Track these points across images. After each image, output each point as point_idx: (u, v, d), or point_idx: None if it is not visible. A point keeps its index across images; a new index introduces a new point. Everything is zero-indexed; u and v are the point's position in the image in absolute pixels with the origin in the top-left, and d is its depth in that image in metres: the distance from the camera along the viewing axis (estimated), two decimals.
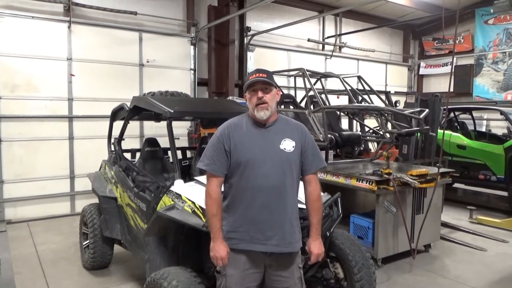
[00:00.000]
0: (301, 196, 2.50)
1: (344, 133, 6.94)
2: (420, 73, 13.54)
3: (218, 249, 2.27)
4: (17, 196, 6.72)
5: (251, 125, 2.37)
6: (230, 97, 8.11)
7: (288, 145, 2.34)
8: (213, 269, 2.39)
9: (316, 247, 2.42)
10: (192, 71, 8.68)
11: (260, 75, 2.31)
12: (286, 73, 8.66)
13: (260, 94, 2.30)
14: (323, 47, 11.22)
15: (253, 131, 2.35)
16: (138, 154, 4.85)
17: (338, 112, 7.42)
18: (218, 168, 2.32)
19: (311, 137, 2.48)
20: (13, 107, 6.67)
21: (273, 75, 2.40)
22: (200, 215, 2.71)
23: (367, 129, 7.62)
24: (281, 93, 2.57)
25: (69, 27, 7.09)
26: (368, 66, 12.09)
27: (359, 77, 7.17)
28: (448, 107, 6.25)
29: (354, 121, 8.04)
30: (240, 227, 2.30)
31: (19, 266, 4.71)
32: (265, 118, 2.32)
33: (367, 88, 6.94)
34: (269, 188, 2.27)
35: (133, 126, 7.35)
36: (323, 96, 6.63)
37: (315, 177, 2.46)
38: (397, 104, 7.95)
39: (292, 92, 8.19)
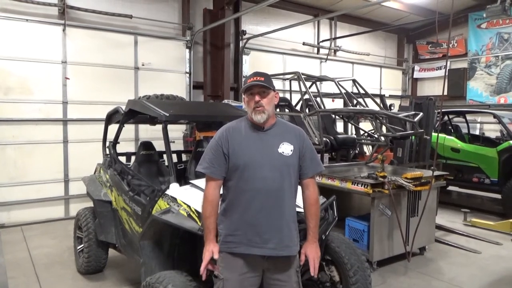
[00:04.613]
0: (299, 200, 2.51)
1: (339, 136, 6.97)
2: (414, 76, 13.64)
3: (207, 250, 2.30)
4: (11, 200, 6.67)
5: (249, 128, 2.38)
6: (226, 101, 8.11)
7: (286, 148, 2.34)
8: (209, 273, 2.38)
9: (313, 251, 2.42)
10: (188, 74, 8.68)
11: (258, 78, 2.31)
12: (281, 76, 8.67)
13: (257, 98, 2.31)
14: (318, 50, 11.28)
15: (251, 135, 2.36)
16: (133, 158, 4.83)
17: (333, 116, 7.45)
18: (217, 171, 2.32)
19: (309, 141, 2.48)
20: (6, 110, 6.62)
21: (271, 79, 2.40)
22: (196, 218, 2.70)
23: (362, 132, 7.65)
24: (279, 96, 2.56)
25: (63, 30, 7.07)
26: (363, 70, 12.16)
27: (354, 81, 7.20)
28: (442, 110, 6.29)
29: (349, 124, 8.07)
30: (237, 230, 2.30)
31: (12, 271, 4.66)
32: (262, 122, 2.33)
33: (362, 91, 6.98)
34: (267, 191, 2.27)
35: (128, 129, 7.31)
36: (318, 99, 6.65)
37: (313, 181, 2.46)
38: (392, 108, 7.99)
39: (287, 96, 8.21)
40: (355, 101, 6.77)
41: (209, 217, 2.31)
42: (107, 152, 4.83)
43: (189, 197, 2.95)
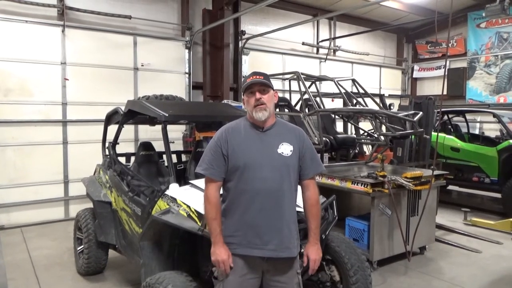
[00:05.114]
0: (299, 200, 2.50)
1: (339, 136, 6.97)
2: (414, 76, 13.64)
3: (219, 253, 2.25)
4: (10, 202, 6.65)
5: (249, 128, 2.36)
6: (225, 101, 8.11)
7: (285, 149, 2.33)
8: (208, 274, 2.37)
9: (314, 253, 2.39)
10: (187, 75, 8.68)
11: (257, 77, 2.31)
12: (281, 76, 8.69)
13: (258, 95, 2.30)
14: (318, 50, 11.28)
15: (250, 135, 2.34)
16: (132, 158, 4.83)
17: (333, 115, 7.45)
18: (216, 172, 2.30)
19: (309, 141, 2.47)
20: (6, 111, 6.62)
21: (270, 79, 2.39)
22: (196, 218, 2.70)
23: (361, 132, 7.65)
24: (278, 96, 2.56)
25: (63, 31, 7.07)
26: (362, 69, 12.16)
27: (354, 80, 7.20)
28: (442, 109, 6.30)
29: (349, 124, 8.07)
30: (237, 232, 2.29)
31: (12, 272, 4.66)
32: (263, 119, 2.31)
33: (361, 91, 6.98)
34: (267, 192, 2.26)
35: (128, 130, 7.32)
36: (317, 99, 6.65)
37: (313, 182, 2.44)
38: (391, 107, 8.00)
39: (287, 96, 8.21)
40: (354, 101, 6.77)
41: (215, 219, 2.28)
42: (107, 153, 4.83)
43: (188, 198, 2.95)
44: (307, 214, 2.43)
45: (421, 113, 5.75)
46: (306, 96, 6.52)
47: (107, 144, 4.81)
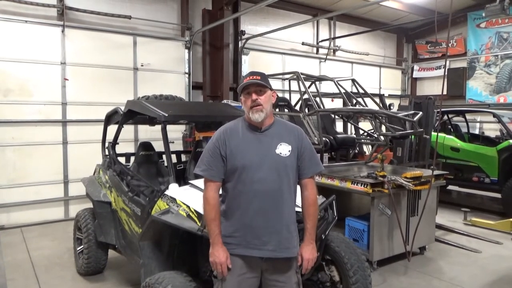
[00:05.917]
0: (298, 200, 2.50)
1: (338, 136, 6.96)
2: (414, 76, 13.64)
3: (218, 254, 2.26)
4: (10, 202, 6.65)
5: (246, 129, 2.36)
6: (225, 101, 8.12)
7: (284, 149, 2.32)
8: (208, 273, 2.38)
9: (308, 252, 2.38)
10: (187, 75, 8.68)
11: (254, 77, 2.30)
12: (280, 76, 8.69)
13: (254, 96, 2.29)
14: (317, 50, 11.28)
15: (248, 136, 2.34)
16: (132, 158, 4.83)
17: (333, 115, 7.45)
18: (215, 174, 2.30)
19: (308, 140, 2.46)
20: (6, 111, 6.62)
21: (268, 78, 2.39)
22: (195, 219, 2.70)
23: (361, 132, 7.65)
24: (276, 96, 2.55)
25: (62, 31, 7.07)
26: (362, 69, 12.16)
27: (353, 80, 7.20)
28: (442, 109, 6.30)
29: (349, 124, 8.07)
30: (236, 232, 2.29)
31: (12, 272, 4.66)
32: (260, 121, 2.30)
33: (361, 91, 6.98)
34: (265, 192, 2.26)
35: (128, 130, 7.32)
36: (317, 99, 6.65)
37: (311, 181, 2.44)
38: (391, 107, 8.00)
39: (286, 96, 8.21)
40: (354, 101, 6.77)
41: (214, 220, 2.28)
42: (106, 153, 4.83)
43: (188, 198, 2.95)
44: (304, 214, 2.43)
45: (421, 113, 5.75)
46: (306, 96, 6.52)
47: (106, 144, 4.81)
